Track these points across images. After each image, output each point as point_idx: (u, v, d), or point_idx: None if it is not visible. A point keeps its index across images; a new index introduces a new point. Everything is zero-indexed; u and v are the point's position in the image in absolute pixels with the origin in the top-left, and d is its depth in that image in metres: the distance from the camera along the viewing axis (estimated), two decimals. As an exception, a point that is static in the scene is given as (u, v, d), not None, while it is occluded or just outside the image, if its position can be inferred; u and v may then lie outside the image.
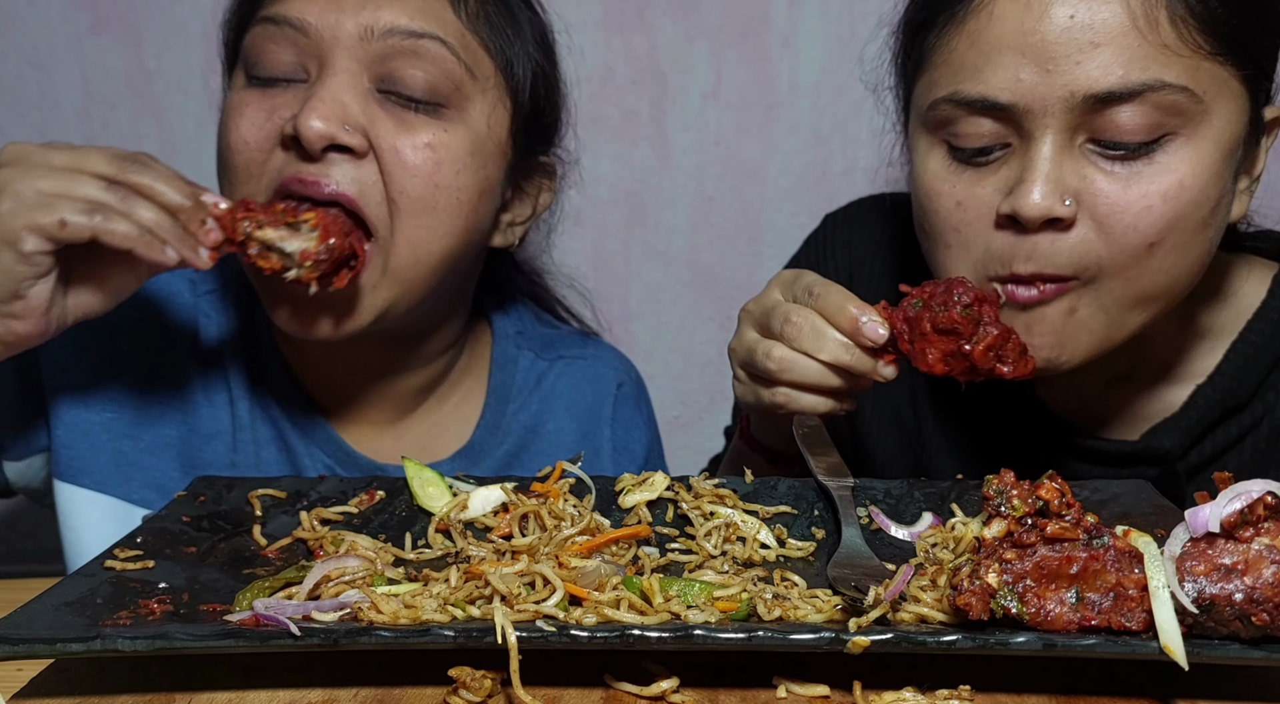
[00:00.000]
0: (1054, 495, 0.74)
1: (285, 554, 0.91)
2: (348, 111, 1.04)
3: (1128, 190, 0.95)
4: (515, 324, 1.35)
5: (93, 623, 0.74)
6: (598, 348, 1.41)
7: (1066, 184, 0.96)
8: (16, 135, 1.62)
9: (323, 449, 1.22)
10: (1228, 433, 1.11)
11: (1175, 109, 0.93)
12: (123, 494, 1.17)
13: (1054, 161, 0.95)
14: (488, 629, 0.70)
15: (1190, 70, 0.93)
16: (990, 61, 0.96)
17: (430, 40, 1.07)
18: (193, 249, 0.97)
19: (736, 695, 0.73)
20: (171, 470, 1.18)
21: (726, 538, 0.93)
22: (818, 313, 0.99)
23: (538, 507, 0.92)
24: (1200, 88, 0.94)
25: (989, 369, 0.96)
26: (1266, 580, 0.69)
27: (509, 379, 1.31)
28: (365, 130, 1.05)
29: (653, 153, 1.66)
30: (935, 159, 1.03)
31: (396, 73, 1.07)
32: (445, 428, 1.29)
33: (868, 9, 1.59)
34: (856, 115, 1.64)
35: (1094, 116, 0.94)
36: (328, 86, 1.04)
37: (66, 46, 1.61)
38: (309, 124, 1.02)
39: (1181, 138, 0.95)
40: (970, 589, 0.72)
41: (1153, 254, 0.96)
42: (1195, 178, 0.95)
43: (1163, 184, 0.95)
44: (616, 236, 1.70)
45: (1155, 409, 1.14)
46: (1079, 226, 0.96)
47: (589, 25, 1.60)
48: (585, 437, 1.33)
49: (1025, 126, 0.96)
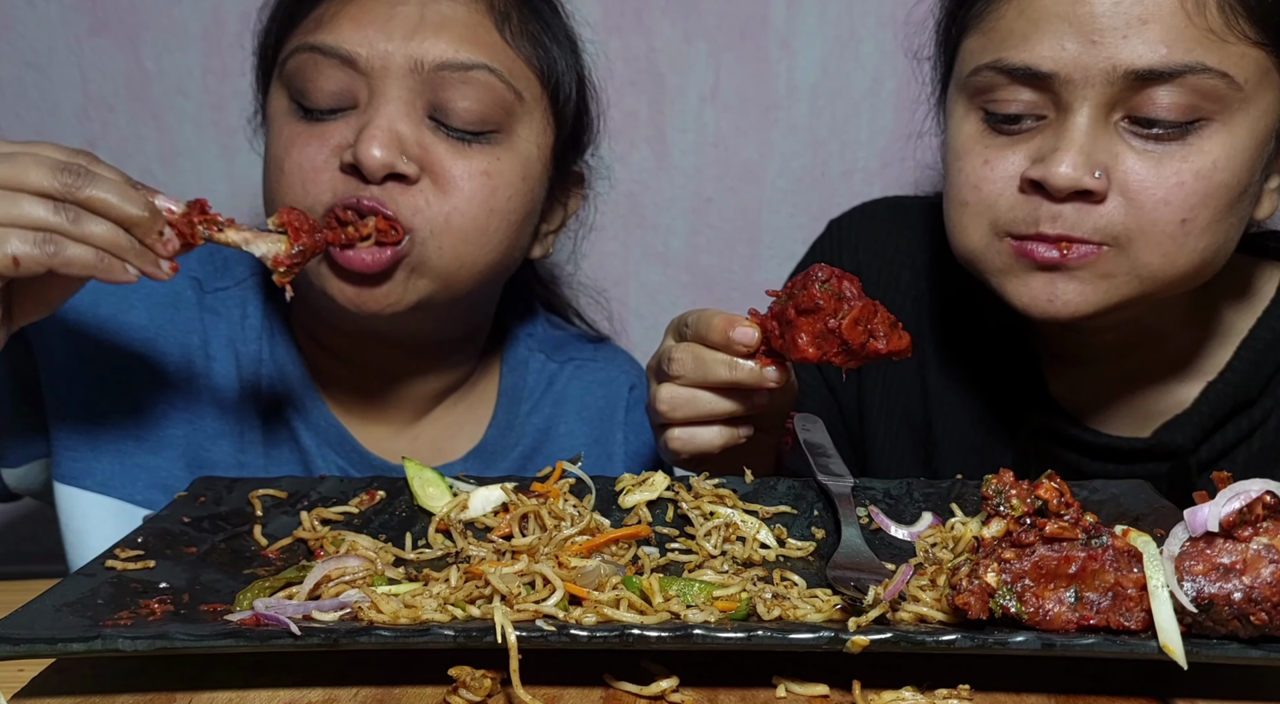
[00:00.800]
0: (1053, 495, 0.74)
1: (286, 554, 0.91)
2: (404, 141, 1.06)
3: (1160, 168, 0.96)
4: (526, 327, 1.36)
5: (93, 623, 0.74)
6: (609, 351, 1.41)
7: (1098, 157, 0.97)
8: (15, 136, 1.62)
9: (336, 450, 1.21)
10: (1238, 428, 1.12)
11: (1213, 94, 0.95)
12: (126, 495, 1.16)
13: (1088, 134, 0.96)
14: (488, 629, 0.70)
15: (1234, 57, 0.94)
16: (1038, 29, 0.97)
17: (479, 71, 1.08)
18: (154, 263, 0.92)
19: (736, 695, 0.73)
20: (177, 470, 1.18)
21: (726, 538, 0.93)
22: (697, 342, 0.98)
23: (538, 507, 0.92)
24: (1242, 76, 0.95)
25: (863, 345, 0.93)
26: (1265, 580, 0.69)
27: (520, 381, 1.32)
28: (419, 159, 1.06)
29: (651, 154, 1.66)
30: (970, 124, 1.04)
31: (448, 103, 1.07)
32: (459, 429, 1.29)
33: (866, 10, 1.59)
34: (855, 116, 1.64)
35: (1132, 94, 0.95)
36: (383, 114, 1.05)
37: (65, 48, 1.60)
38: (370, 153, 1.03)
39: (1217, 123, 0.96)
40: (969, 588, 0.72)
41: (1186, 231, 0.97)
42: (1229, 161, 0.96)
43: (1196, 164, 0.96)
44: (615, 238, 1.70)
45: (1166, 405, 1.15)
46: (1110, 200, 0.97)
47: (587, 26, 1.60)
48: (598, 440, 1.33)
49: (1064, 97, 0.97)
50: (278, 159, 1.10)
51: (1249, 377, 1.11)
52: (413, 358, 1.22)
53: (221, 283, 1.23)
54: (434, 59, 1.06)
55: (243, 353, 1.21)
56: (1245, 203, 1.01)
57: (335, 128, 1.07)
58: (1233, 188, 0.98)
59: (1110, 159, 0.97)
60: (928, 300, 1.27)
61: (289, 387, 1.22)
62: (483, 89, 1.08)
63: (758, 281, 1.72)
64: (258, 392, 1.21)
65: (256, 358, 1.21)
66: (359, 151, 1.03)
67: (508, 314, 1.35)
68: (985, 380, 1.22)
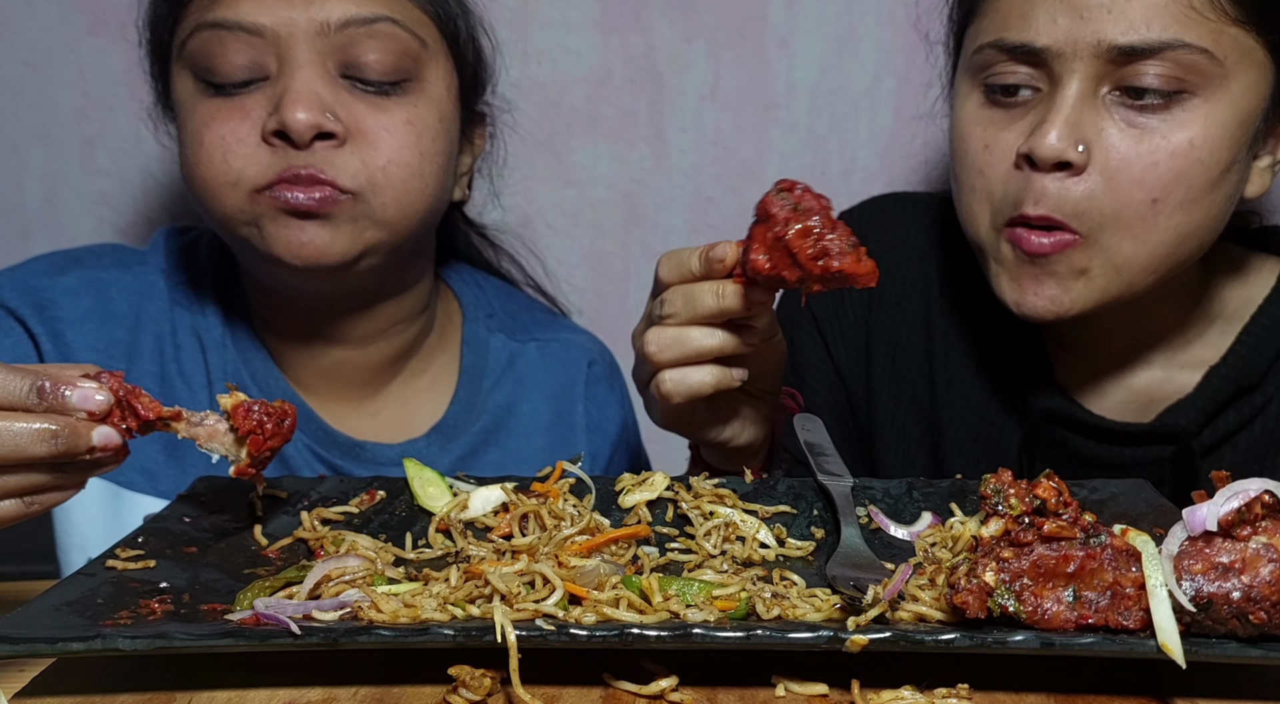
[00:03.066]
0: (1051, 494, 0.74)
1: (286, 554, 0.91)
2: (325, 102, 1.08)
3: (1139, 145, 1.01)
4: (485, 307, 1.38)
5: (93, 622, 0.74)
6: (570, 331, 1.43)
7: (1083, 131, 1.01)
8: (14, 136, 1.62)
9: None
10: (1240, 412, 1.15)
11: (1196, 68, 0.99)
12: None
13: (1075, 107, 1.01)
14: (487, 628, 0.70)
15: (1214, 34, 0.99)
16: (1034, 8, 1.02)
17: (383, 23, 1.11)
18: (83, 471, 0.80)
19: (735, 694, 0.73)
20: (155, 454, 1.20)
21: (726, 537, 0.93)
22: (680, 282, 0.97)
23: (538, 506, 0.93)
24: (1222, 52, 0.99)
25: (814, 260, 0.88)
26: (1264, 579, 0.69)
27: (481, 360, 1.34)
28: (343, 118, 1.09)
29: (650, 153, 1.66)
30: (972, 102, 1.10)
31: (358, 59, 1.11)
32: (420, 405, 1.31)
33: (865, 8, 1.59)
34: (854, 115, 1.64)
35: (1119, 68, 1.00)
36: (299, 79, 1.08)
37: (64, 47, 1.60)
38: (295, 117, 1.05)
39: (1199, 98, 1.00)
40: (967, 588, 0.72)
41: (1157, 211, 1.01)
42: (1206, 138, 1.00)
43: (1173, 141, 1.00)
44: (614, 237, 1.70)
45: (1169, 392, 1.17)
46: (1088, 176, 1.02)
47: (586, 25, 1.60)
48: (559, 416, 1.35)
49: (1055, 71, 1.02)
50: (196, 135, 1.11)
51: (1250, 362, 1.14)
52: (360, 318, 1.24)
53: (184, 275, 1.27)
54: (338, 17, 1.09)
55: (206, 340, 1.24)
56: (1229, 181, 1.04)
57: (250, 100, 1.09)
58: (1209, 166, 1.01)
59: (1095, 133, 1.02)
60: (935, 289, 1.29)
61: (253, 369, 1.24)
62: (389, 40, 1.12)
63: (757, 281, 1.73)
64: (223, 377, 1.24)
65: (220, 344, 1.24)
66: (285, 117, 1.06)
67: (459, 287, 1.38)
68: (992, 368, 1.24)
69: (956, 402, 1.26)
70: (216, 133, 1.09)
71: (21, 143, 1.63)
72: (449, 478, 0.99)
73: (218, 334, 1.24)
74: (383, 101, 1.12)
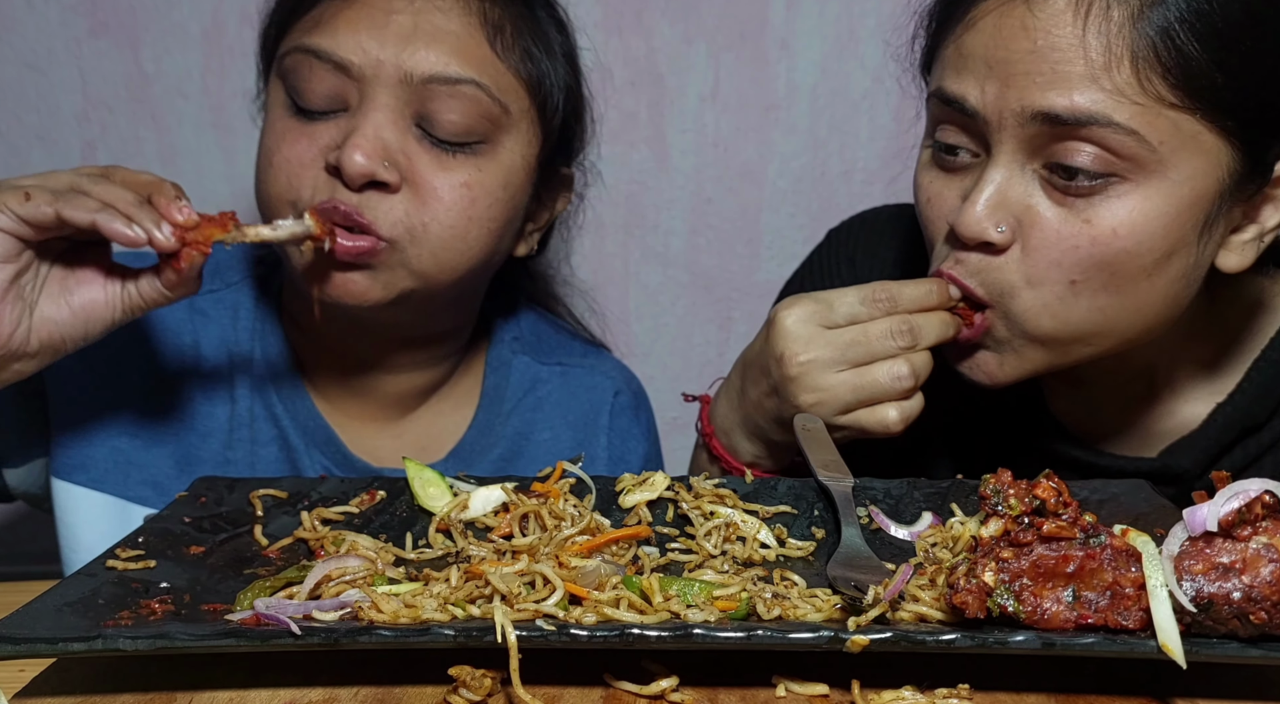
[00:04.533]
0: (1051, 494, 0.74)
1: (286, 554, 0.91)
2: (388, 148, 1.08)
3: (1062, 227, 0.96)
4: (513, 328, 1.36)
5: (94, 623, 0.74)
6: (598, 357, 1.41)
7: (1010, 207, 0.98)
8: (15, 138, 1.63)
9: (322, 450, 1.23)
10: (1246, 451, 1.10)
11: (1125, 152, 0.92)
12: (119, 491, 1.18)
13: (1001, 184, 0.97)
14: (488, 628, 0.70)
15: (1146, 116, 0.91)
16: (967, 67, 0.98)
17: (467, 85, 1.10)
18: (155, 223, 0.95)
19: (736, 694, 0.73)
20: (167, 468, 1.19)
21: (726, 538, 0.93)
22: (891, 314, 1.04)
23: (538, 507, 0.93)
24: (1156, 137, 0.91)
25: None
26: (1264, 579, 0.69)
27: (502, 382, 1.32)
28: (402, 166, 1.09)
29: (651, 155, 1.67)
30: (926, 152, 1.07)
31: (433, 114, 1.09)
32: (442, 429, 1.30)
33: (865, 10, 1.59)
34: (855, 117, 1.64)
35: (1049, 144, 0.94)
36: (370, 121, 1.08)
37: (65, 49, 1.61)
38: (353, 159, 1.05)
39: (1130, 184, 0.93)
40: (966, 588, 0.72)
41: (1077, 292, 0.97)
42: (1132, 229, 0.94)
43: (1096, 228, 0.94)
44: (615, 238, 1.70)
45: (1173, 425, 1.13)
46: (1010, 253, 0.99)
47: (587, 27, 1.59)
48: (580, 445, 1.33)
49: (988, 139, 0.98)
50: (269, 152, 1.13)
51: (1259, 400, 1.08)
52: (398, 351, 1.24)
53: (212, 286, 1.25)
54: (424, 72, 1.08)
55: (234, 353, 1.23)
56: (1175, 265, 0.97)
57: (325, 128, 1.10)
58: (1138, 254, 0.95)
59: (1020, 210, 0.97)
60: None
61: (279, 385, 1.23)
62: (469, 102, 1.10)
63: (757, 282, 1.73)
64: (248, 391, 1.23)
65: (247, 358, 1.23)
66: (343, 157, 1.06)
67: (492, 312, 1.36)
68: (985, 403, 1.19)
69: (947, 440, 1.23)
70: (285, 155, 1.10)
71: (22, 145, 1.64)
72: (449, 478, 0.99)
73: (245, 348, 1.24)
74: (447, 159, 1.11)
